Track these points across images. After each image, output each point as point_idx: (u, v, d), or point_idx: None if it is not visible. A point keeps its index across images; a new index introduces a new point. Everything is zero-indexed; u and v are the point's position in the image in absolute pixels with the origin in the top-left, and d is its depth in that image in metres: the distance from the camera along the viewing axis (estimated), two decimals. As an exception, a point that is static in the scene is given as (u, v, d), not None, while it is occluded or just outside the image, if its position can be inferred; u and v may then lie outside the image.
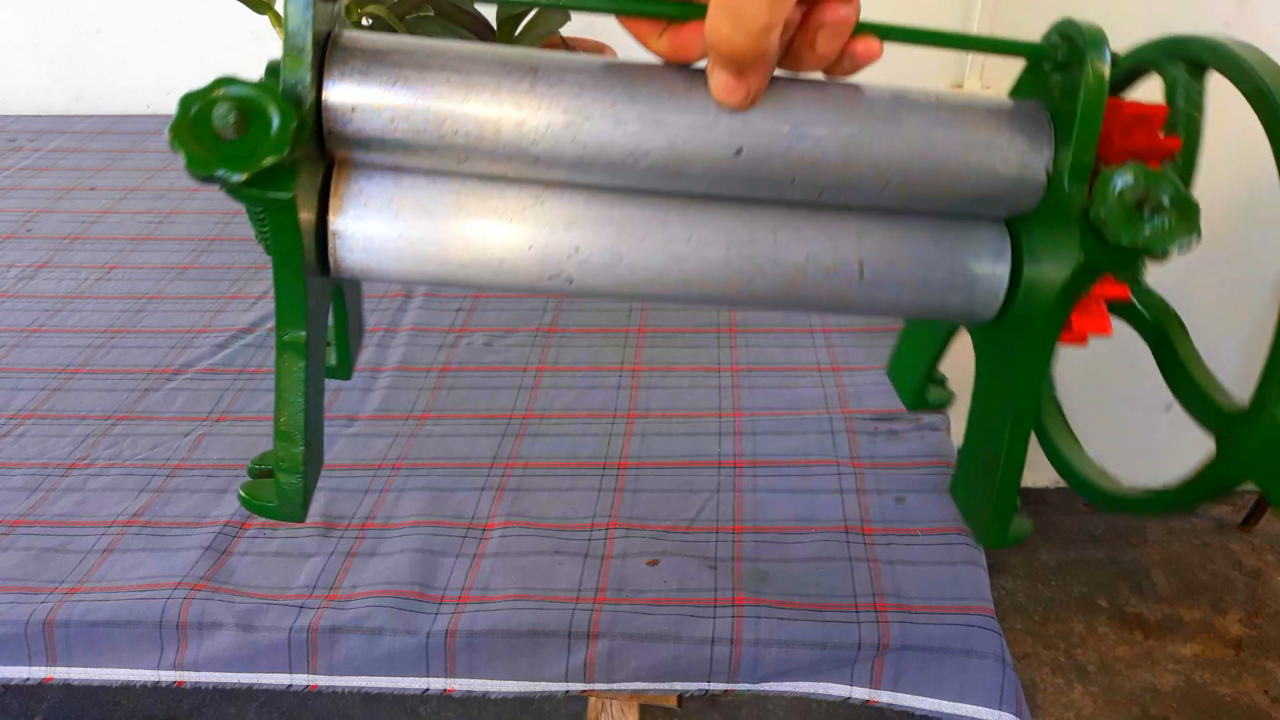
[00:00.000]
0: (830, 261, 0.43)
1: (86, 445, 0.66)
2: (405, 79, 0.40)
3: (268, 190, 0.37)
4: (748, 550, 0.56)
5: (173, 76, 1.30)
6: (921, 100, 0.42)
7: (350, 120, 0.40)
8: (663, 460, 0.64)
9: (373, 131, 0.41)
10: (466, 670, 0.51)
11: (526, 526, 0.58)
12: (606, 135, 0.40)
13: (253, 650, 0.52)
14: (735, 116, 0.40)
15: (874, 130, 0.41)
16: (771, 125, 0.41)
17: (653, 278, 0.43)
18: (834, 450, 0.64)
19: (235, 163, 0.36)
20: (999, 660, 0.50)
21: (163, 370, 0.74)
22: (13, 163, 1.14)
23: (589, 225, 0.42)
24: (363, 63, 0.40)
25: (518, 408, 0.69)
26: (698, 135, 0.40)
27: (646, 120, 0.40)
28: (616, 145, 0.41)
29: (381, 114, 0.40)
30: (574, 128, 0.40)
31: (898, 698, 0.50)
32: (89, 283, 0.87)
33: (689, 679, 0.50)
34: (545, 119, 0.40)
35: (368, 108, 0.40)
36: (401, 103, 0.40)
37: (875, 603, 0.52)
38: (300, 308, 0.41)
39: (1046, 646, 1.41)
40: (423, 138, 0.41)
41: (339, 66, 0.40)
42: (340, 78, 0.40)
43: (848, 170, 0.42)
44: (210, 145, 0.36)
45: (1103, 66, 0.41)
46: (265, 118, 0.36)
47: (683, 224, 0.42)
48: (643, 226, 0.42)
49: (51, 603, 0.53)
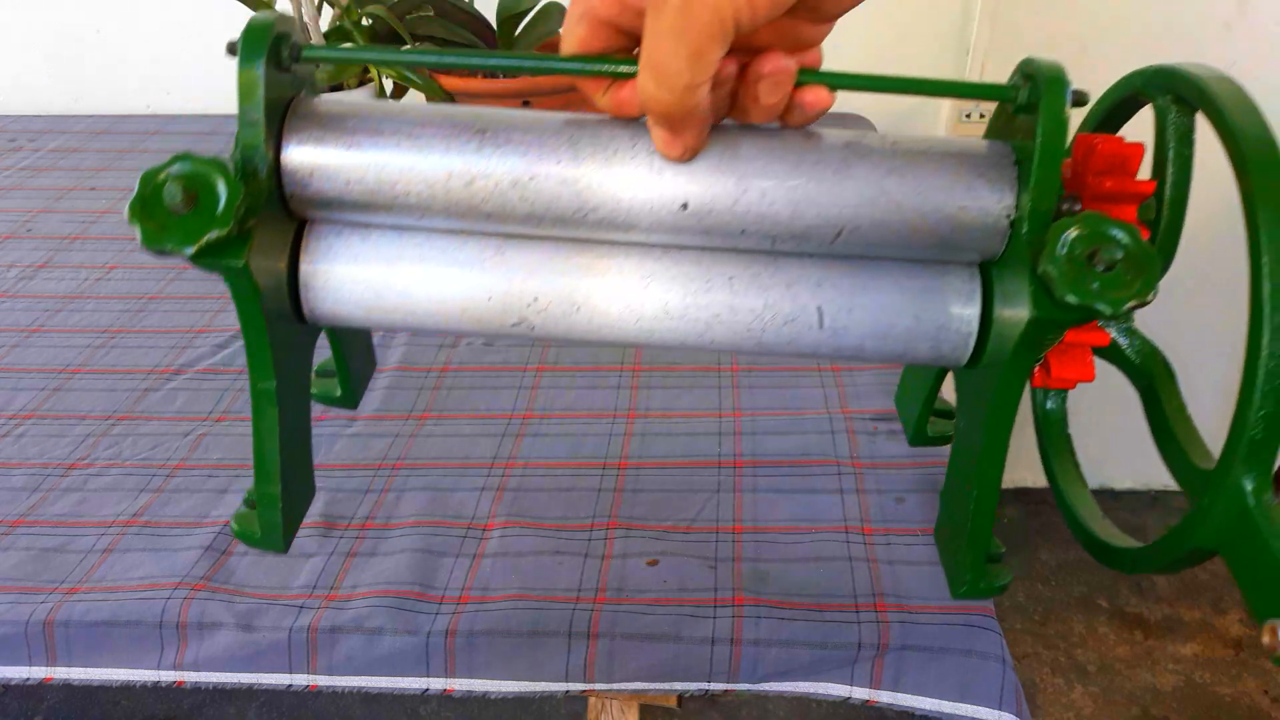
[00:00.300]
0: (789, 309, 0.43)
1: (86, 445, 0.66)
2: (358, 143, 0.42)
3: (220, 259, 0.39)
4: (748, 550, 0.56)
5: (173, 76, 1.30)
6: (876, 148, 0.42)
7: (309, 183, 0.42)
8: (663, 460, 0.64)
9: (332, 193, 0.43)
10: (466, 670, 0.51)
11: (526, 526, 0.58)
12: (553, 193, 0.42)
13: (253, 650, 0.52)
14: (680, 170, 0.41)
15: (823, 181, 0.41)
16: (716, 178, 0.41)
17: (611, 324, 0.44)
18: (834, 450, 0.64)
19: (183, 237, 0.38)
20: (999, 660, 0.50)
21: (163, 370, 0.74)
22: (13, 163, 1.14)
23: (546, 275, 0.43)
24: (318, 129, 0.42)
25: (518, 408, 0.69)
26: (643, 191, 0.41)
27: (592, 178, 0.41)
28: (564, 202, 0.42)
29: (338, 177, 0.42)
30: (521, 186, 0.42)
31: (898, 698, 0.50)
32: (89, 283, 0.87)
33: (689, 679, 0.50)
34: (493, 179, 0.42)
35: (325, 172, 0.42)
36: (356, 166, 0.42)
37: (875, 603, 0.52)
38: (268, 360, 0.43)
39: (1046, 646, 1.41)
40: (378, 198, 0.43)
41: (297, 133, 0.42)
42: (298, 143, 0.42)
43: (796, 221, 0.42)
44: (162, 221, 0.38)
45: (1061, 110, 0.40)
46: (214, 193, 0.38)
47: (639, 273, 0.43)
48: (599, 275, 0.43)
49: (51, 603, 0.53)
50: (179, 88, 1.30)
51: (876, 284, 0.43)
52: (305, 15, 0.92)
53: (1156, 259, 0.37)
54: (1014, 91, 0.42)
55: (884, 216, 0.42)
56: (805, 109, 0.40)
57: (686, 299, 0.43)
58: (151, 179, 0.38)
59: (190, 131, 1.21)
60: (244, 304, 0.42)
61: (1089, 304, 0.37)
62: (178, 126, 1.23)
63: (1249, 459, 0.38)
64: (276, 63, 0.41)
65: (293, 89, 0.43)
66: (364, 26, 0.95)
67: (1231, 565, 0.40)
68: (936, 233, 0.42)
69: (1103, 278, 0.37)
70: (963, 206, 0.41)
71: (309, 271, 0.44)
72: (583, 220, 0.42)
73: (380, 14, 0.92)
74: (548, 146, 0.42)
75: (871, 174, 0.41)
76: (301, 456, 0.49)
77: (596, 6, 0.39)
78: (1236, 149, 0.39)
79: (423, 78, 0.92)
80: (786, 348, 0.44)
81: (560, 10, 0.99)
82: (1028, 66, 0.41)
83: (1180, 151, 0.47)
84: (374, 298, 0.44)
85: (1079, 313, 0.38)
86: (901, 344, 0.44)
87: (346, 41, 0.97)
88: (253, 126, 0.41)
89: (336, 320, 0.46)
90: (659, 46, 0.36)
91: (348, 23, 0.94)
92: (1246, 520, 0.38)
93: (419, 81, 0.92)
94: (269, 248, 0.42)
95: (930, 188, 0.41)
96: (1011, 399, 0.43)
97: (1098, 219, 0.38)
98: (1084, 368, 0.44)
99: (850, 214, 0.42)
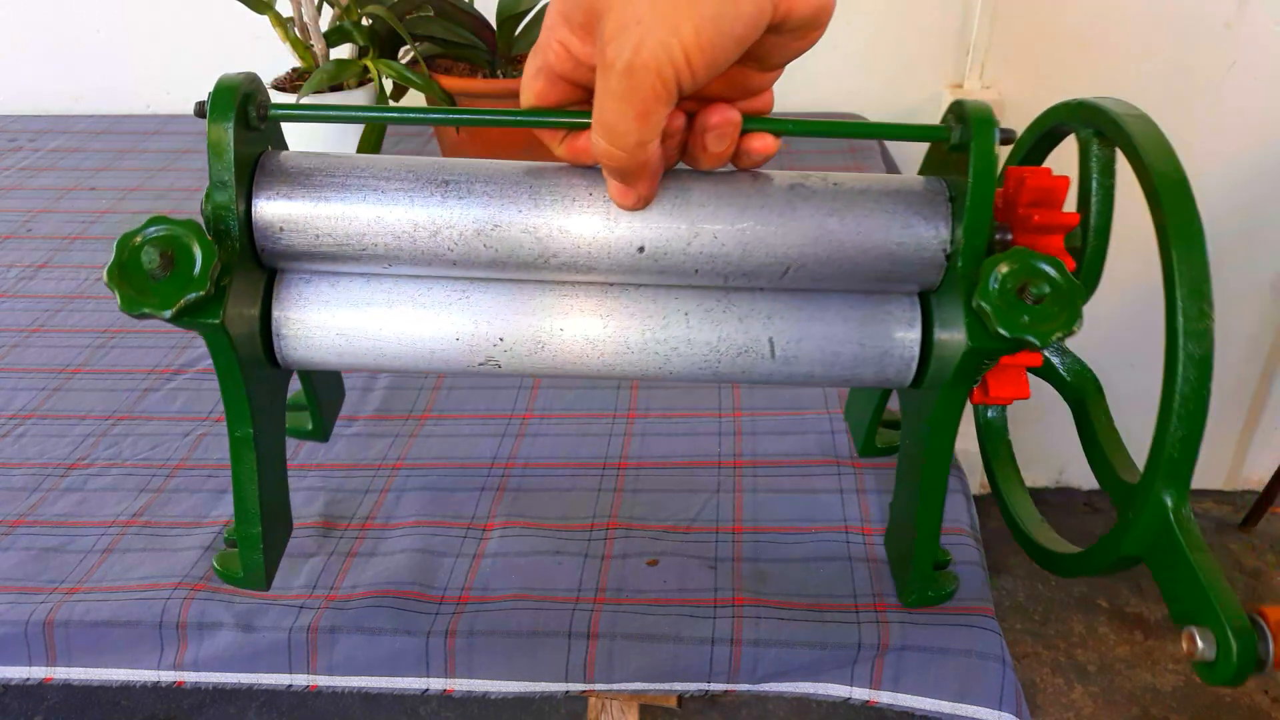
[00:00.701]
0: (741, 341, 0.45)
1: (86, 445, 0.66)
2: (325, 197, 0.44)
3: (197, 318, 0.40)
4: (748, 550, 0.56)
5: (173, 76, 1.30)
6: (818, 189, 0.44)
7: (280, 237, 0.44)
8: (663, 460, 0.64)
9: (302, 246, 0.44)
10: (466, 670, 0.51)
11: (526, 527, 0.58)
12: (515, 241, 0.43)
13: (252, 650, 0.52)
14: (635, 217, 0.43)
15: (769, 223, 0.44)
16: (670, 223, 0.43)
17: (575, 360, 0.46)
18: (834, 450, 0.64)
19: (161, 302, 0.39)
20: (999, 660, 0.50)
21: (163, 370, 0.74)
22: (13, 163, 1.14)
23: (510, 316, 0.45)
24: (286, 184, 0.44)
25: (518, 408, 0.69)
26: (600, 236, 0.43)
27: (551, 225, 0.43)
28: (525, 249, 0.44)
29: (307, 230, 0.44)
30: (484, 235, 0.43)
31: (898, 698, 0.50)
32: (89, 283, 0.87)
33: (689, 679, 0.50)
34: (457, 229, 0.43)
35: (294, 225, 0.44)
36: (324, 219, 0.44)
37: (875, 603, 0.52)
38: (245, 408, 0.45)
39: (1046, 646, 1.41)
40: (346, 250, 0.44)
41: (266, 189, 0.43)
42: (268, 199, 0.43)
43: (746, 260, 0.44)
44: (141, 285, 0.39)
45: (991, 150, 0.42)
46: (190, 255, 0.39)
47: (599, 311, 0.45)
48: (561, 315, 0.45)
49: (51, 603, 0.53)
50: (179, 88, 1.30)
51: (823, 315, 0.46)
52: (305, 15, 0.92)
53: (1081, 292, 0.40)
54: (947, 132, 0.44)
55: (828, 254, 0.44)
56: (752, 154, 0.42)
57: (645, 335, 0.45)
58: (128, 243, 0.39)
59: (190, 131, 1.21)
60: (220, 357, 0.43)
61: (1020, 336, 0.39)
62: (178, 126, 1.23)
63: (1168, 476, 0.40)
64: (245, 122, 0.42)
65: (261, 145, 0.44)
66: (364, 27, 0.95)
67: (1154, 573, 0.42)
68: (877, 268, 0.45)
69: (1032, 310, 0.40)
70: (900, 243, 0.44)
71: (281, 319, 0.45)
72: (544, 265, 0.44)
73: (380, 14, 0.92)
74: (509, 196, 0.43)
75: (815, 215, 0.44)
76: (279, 495, 0.51)
77: (553, 61, 0.41)
78: (1150, 185, 0.41)
79: (422, 78, 0.92)
80: (741, 377, 0.47)
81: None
82: (958, 108, 0.44)
83: (1103, 182, 0.50)
84: (345, 343, 0.46)
85: (1012, 344, 0.40)
86: (849, 370, 0.46)
87: (346, 41, 0.97)
88: (223, 187, 0.42)
89: (309, 364, 0.47)
90: (607, 107, 0.37)
91: (348, 23, 0.94)
92: (1167, 533, 0.41)
93: (419, 81, 0.92)
94: (242, 298, 0.43)
95: (870, 226, 0.44)
96: (952, 418, 0.45)
97: (1026, 255, 0.40)
98: (1019, 387, 0.46)
99: (796, 253, 0.44)
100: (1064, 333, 0.39)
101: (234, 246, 0.42)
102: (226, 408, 0.45)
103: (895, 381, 0.47)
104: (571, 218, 0.43)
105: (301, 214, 0.43)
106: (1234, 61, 1.23)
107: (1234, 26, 1.21)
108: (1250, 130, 1.28)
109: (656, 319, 0.45)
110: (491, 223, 0.43)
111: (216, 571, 0.50)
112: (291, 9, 0.93)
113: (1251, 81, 1.24)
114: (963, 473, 0.62)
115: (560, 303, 0.45)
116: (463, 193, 0.43)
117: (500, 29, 0.96)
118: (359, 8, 0.93)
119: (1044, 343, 0.39)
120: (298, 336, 0.46)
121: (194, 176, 1.09)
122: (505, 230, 0.43)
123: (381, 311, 0.45)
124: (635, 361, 0.46)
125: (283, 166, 0.44)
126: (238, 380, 0.44)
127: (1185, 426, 0.39)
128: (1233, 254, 1.36)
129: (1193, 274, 0.39)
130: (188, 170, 1.11)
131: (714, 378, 0.47)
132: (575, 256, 0.44)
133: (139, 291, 0.39)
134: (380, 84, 0.95)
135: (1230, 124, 1.27)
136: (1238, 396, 1.53)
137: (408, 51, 0.97)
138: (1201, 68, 1.24)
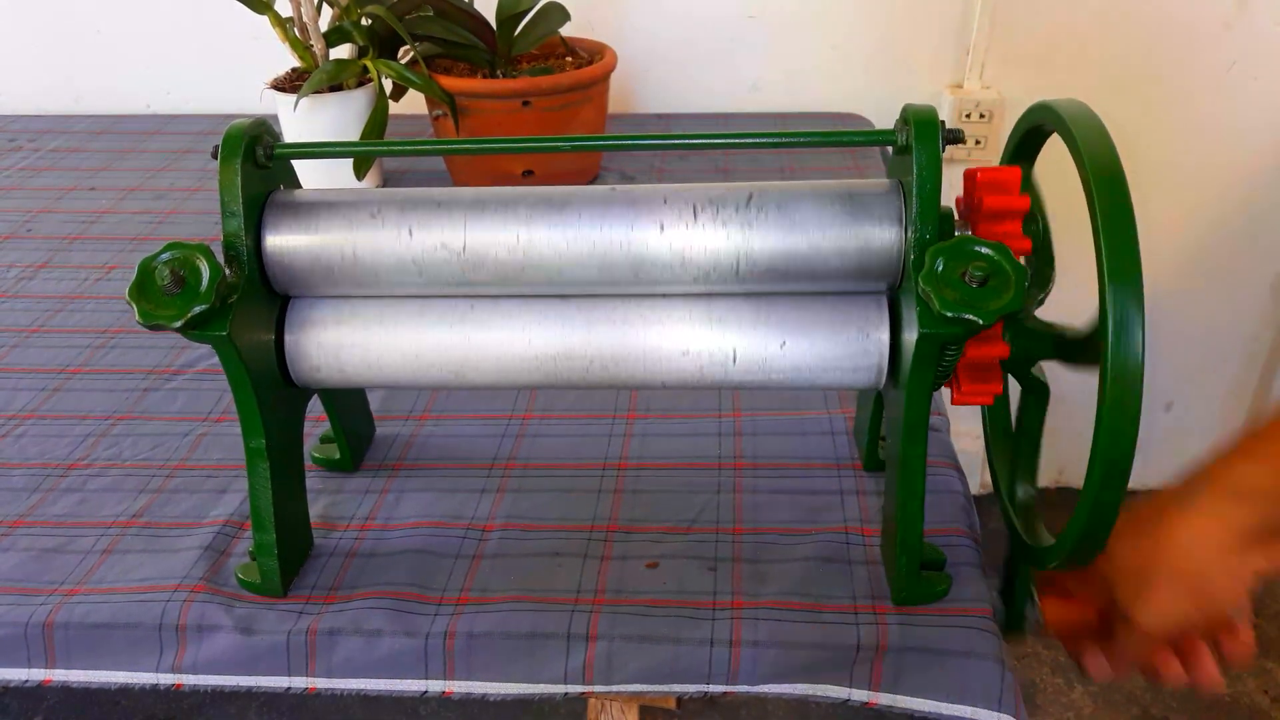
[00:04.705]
0: (708, 351, 0.49)
1: (86, 445, 0.66)
2: (326, 228, 0.49)
3: (206, 330, 0.46)
4: (747, 551, 0.56)
5: (173, 76, 1.30)
6: (774, 195, 0.48)
7: (288, 266, 0.50)
8: (663, 461, 0.64)
9: (308, 275, 0.50)
10: (465, 672, 0.51)
11: (526, 528, 0.58)
12: (495, 261, 0.49)
13: (251, 653, 0.52)
14: (602, 234, 0.48)
15: (733, 227, 0.47)
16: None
17: (553, 374, 0.51)
18: (834, 452, 0.64)
19: (172, 314, 0.45)
20: (998, 661, 0.49)
21: (163, 370, 0.74)
22: (13, 163, 1.14)
23: (493, 333, 0.51)
24: (293, 219, 0.50)
25: (518, 408, 0.69)
26: (580, 249, 0.49)
27: (543, 243, 0.49)
28: (509, 267, 0.49)
29: (309, 258, 0.50)
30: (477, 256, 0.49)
31: (897, 699, 0.50)
32: (89, 283, 0.87)
33: (688, 681, 0.50)
34: (452, 250, 0.49)
35: (301, 256, 0.50)
36: (324, 248, 0.49)
37: (874, 604, 0.52)
38: (257, 419, 0.50)
39: (1046, 646, 1.41)
40: (350, 277, 0.50)
41: (274, 223, 0.49)
42: (275, 231, 0.49)
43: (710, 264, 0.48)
44: (156, 301, 0.45)
45: (934, 150, 0.45)
46: (198, 274, 0.45)
47: (559, 321, 0.50)
48: (534, 327, 0.50)
49: (51, 604, 0.53)
50: (179, 88, 1.30)
51: (782, 320, 0.49)
52: (305, 16, 0.92)
53: (1024, 273, 0.42)
54: (895, 135, 0.47)
55: (800, 252, 0.48)
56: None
57: (626, 344, 0.50)
58: (147, 266, 0.45)
59: (190, 131, 1.21)
60: (231, 368, 0.48)
61: (961, 314, 0.41)
62: (178, 126, 1.23)
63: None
64: (253, 161, 0.48)
65: (270, 183, 0.51)
66: (363, 27, 0.94)
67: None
68: (827, 268, 0.48)
69: (975, 291, 0.42)
70: (864, 243, 0.47)
71: (291, 341, 0.51)
72: (518, 279, 0.49)
73: (380, 14, 0.92)
74: (498, 219, 0.49)
75: (780, 220, 0.48)
76: (297, 508, 0.55)
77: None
78: (1084, 175, 0.43)
79: (422, 78, 0.92)
80: (713, 384, 0.50)
81: (560, 10, 0.99)
82: (906, 112, 0.46)
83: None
84: (348, 362, 0.51)
85: (958, 325, 0.42)
86: (829, 371, 0.49)
87: (346, 41, 0.97)
88: (234, 217, 0.48)
89: (318, 382, 0.52)
90: None
91: (347, 23, 0.94)
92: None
93: (418, 81, 0.92)
94: (255, 321, 0.49)
95: (833, 228, 0.47)
96: (919, 413, 0.47)
97: (965, 240, 0.43)
98: (993, 382, 0.48)
99: (766, 257, 0.48)
100: (1005, 309, 0.41)
101: (243, 271, 0.48)
102: (241, 419, 0.50)
103: (870, 382, 0.49)
104: (554, 232, 0.49)
105: (303, 243, 0.49)
106: (1234, 61, 1.23)
107: (1234, 26, 1.20)
108: (1250, 130, 1.28)
109: (637, 326, 0.50)
110: (480, 249, 0.49)
111: (239, 581, 0.53)
112: (291, 9, 0.93)
113: (1251, 81, 1.24)
114: (962, 473, 0.62)
115: (548, 312, 0.51)
116: (443, 223, 0.49)
117: (500, 29, 0.96)
118: (359, 8, 0.93)
119: (988, 321, 0.41)
120: (308, 356, 0.51)
121: (194, 177, 1.09)
122: (496, 250, 0.49)
123: (385, 330, 0.51)
124: (621, 371, 0.50)
125: (291, 202, 0.50)
126: (248, 392, 0.49)
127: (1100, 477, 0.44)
128: (1233, 254, 1.36)
129: (1123, 264, 0.41)
130: (188, 170, 1.11)
131: (680, 385, 0.51)
132: (560, 267, 0.49)
133: (154, 305, 0.45)
134: (380, 84, 0.94)
135: (1230, 124, 1.27)
136: (1238, 396, 1.53)
137: (407, 51, 0.97)
138: (1201, 68, 1.23)
